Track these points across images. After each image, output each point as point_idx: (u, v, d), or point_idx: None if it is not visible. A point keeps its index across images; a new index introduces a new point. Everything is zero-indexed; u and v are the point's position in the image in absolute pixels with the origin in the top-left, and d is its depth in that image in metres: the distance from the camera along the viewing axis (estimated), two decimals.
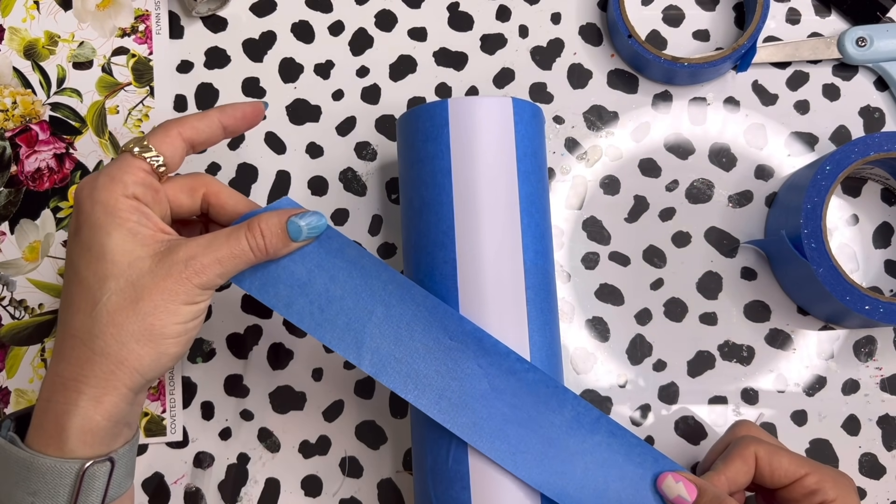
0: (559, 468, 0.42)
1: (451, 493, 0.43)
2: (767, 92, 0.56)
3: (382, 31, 0.57)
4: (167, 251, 0.39)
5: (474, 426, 0.42)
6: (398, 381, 0.42)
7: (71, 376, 0.38)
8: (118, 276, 0.38)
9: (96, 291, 0.38)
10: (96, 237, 0.38)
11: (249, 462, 0.53)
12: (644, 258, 0.55)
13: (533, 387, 0.43)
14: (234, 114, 0.42)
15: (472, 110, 0.45)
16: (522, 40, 0.57)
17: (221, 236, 0.40)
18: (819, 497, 0.42)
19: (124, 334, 0.37)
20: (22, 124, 0.56)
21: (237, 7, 0.58)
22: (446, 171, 0.45)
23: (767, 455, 0.43)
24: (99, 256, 0.38)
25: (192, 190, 0.43)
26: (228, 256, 0.39)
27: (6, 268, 0.55)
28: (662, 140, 0.56)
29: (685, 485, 0.42)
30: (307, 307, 0.42)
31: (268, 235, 0.40)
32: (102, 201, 0.38)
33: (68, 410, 0.37)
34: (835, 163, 0.49)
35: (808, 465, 0.43)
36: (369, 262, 0.43)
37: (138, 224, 0.39)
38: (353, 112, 0.57)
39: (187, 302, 0.39)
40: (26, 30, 0.57)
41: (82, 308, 0.38)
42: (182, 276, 0.38)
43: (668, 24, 0.57)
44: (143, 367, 0.38)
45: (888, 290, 0.54)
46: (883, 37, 0.55)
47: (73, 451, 0.37)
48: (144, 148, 0.40)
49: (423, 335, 0.43)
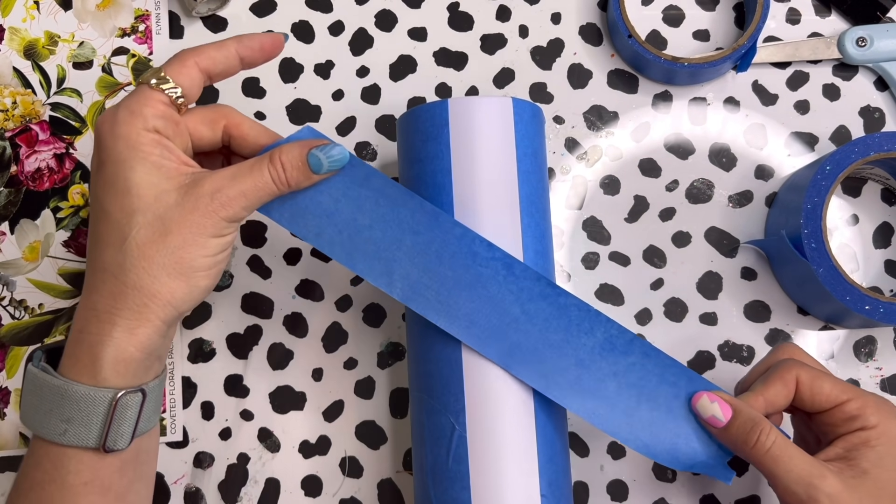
0: (591, 388, 0.43)
1: (451, 493, 0.43)
2: (767, 92, 0.56)
3: (382, 31, 0.58)
4: (192, 184, 0.39)
5: (506, 351, 0.43)
6: (429, 308, 0.43)
7: (104, 308, 0.38)
8: (145, 210, 0.38)
9: (124, 226, 0.38)
10: (120, 172, 0.38)
11: (249, 462, 0.53)
12: (644, 258, 0.55)
13: (564, 310, 0.43)
14: (251, 45, 0.42)
15: (472, 110, 0.45)
16: (522, 40, 0.57)
17: (245, 168, 0.40)
18: (860, 423, 0.41)
19: (155, 267, 0.38)
20: (22, 124, 0.56)
21: (237, 7, 0.58)
22: (446, 171, 0.45)
23: (809, 379, 0.42)
24: (124, 191, 0.38)
25: (213, 122, 0.42)
26: (252, 189, 0.40)
27: (6, 268, 0.55)
28: (662, 140, 0.56)
29: (720, 404, 0.42)
30: (336, 236, 0.43)
31: (289, 168, 0.40)
32: (124, 136, 0.38)
33: (102, 341, 0.38)
34: (835, 163, 0.49)
35: (851, 390, 0.42)
36: (396, 190, 0.43)
37: (161, 157, 0.39)
38: (353, 112, 0.57)
39: (215, 234, 0.39)
40: (26, 30, 0.57)
41: (112, 242, 0.38)
42: (209, 209, 0.39)
43: (668, 24, 0.57)
44: (176, 299, 0.39)
45: (888, 290, 0.54)
46: (883, 37, 0.55)
47: (107, 380, 0.38)
48: (162, 80, 0.40)
49: (453, 262, 0.43)
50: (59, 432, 0.38)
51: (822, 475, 0.39)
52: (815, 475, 0.39)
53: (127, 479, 0.40)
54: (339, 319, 0.54)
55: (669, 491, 0.52)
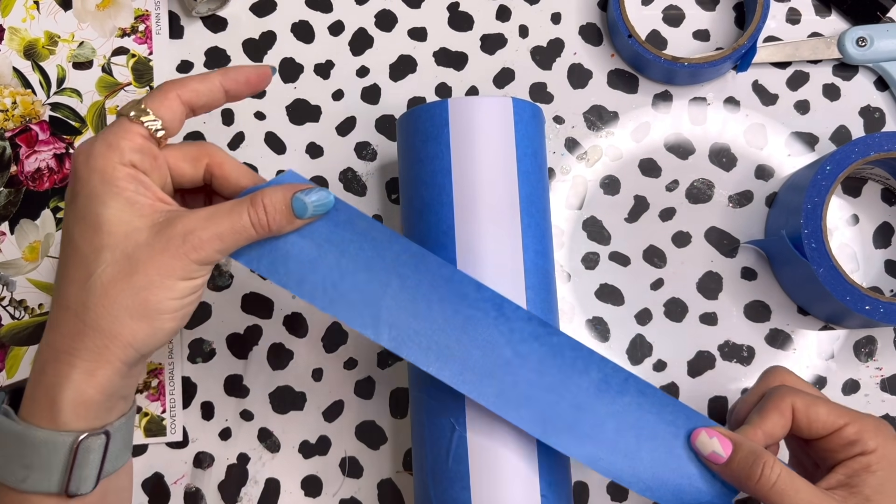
0: (590, 432, 0.41)
1: (451, 493, 0.43)
2: (767, 92, 0.56)
3: (382, 31, 0.57)
4: (165, 223, 0.37)
5: (501, 395, 0.41)
6: (419, 355, 0.41)
7: (63, 348, 0.37)
8: (114, 247, 0.36)
9: (91, 262, 0.37)
10: (92, 206, 0.37)
11: (249, 462, 0.53)
12: (644, 258, 0.55)
13: (558, 350, 0.42)
14: (237, 78, 0.40)
15: (472, 110, 0.45)
16: (522, 40, 0.57)
17: (223, 210, 0.38)
18: (859, 447, 0.40)
19: (117, 308, 0.36)
20: (22, 124, 0.56)
21: (237, 7, 0.58)
22: (446, 171, 0.45)
23: (805, 406, 0.41)
24: (95, 227, 0.37)
25: (195, 159, 0.41)
26: (229, 232, 0.38)
27: (6, 268, 0.55)
28: (662, 140, 0.56)
29: (720, 440, 0.41)
30: (319, 283, 0.41)
31: (271, 212, 0.39)
32: (99, 169, 0.37)
33: (61, 383, 0.36)
34: (835, 163, 0.49)
35: (847, 414, 0.41)
36: (380, 233, 0.41)
37: (136, 193, 0.37)
38: (353, 112, 0.57)
39: (184, 277, 0.37)
40: (26, 30, 0.57)
41: (76, 279, 0.37)
42: (179, 251, 0.37)
43: (668, 24, 0.57)
44: (138, 341, 0.37)
45: (888, 290, 0.54)
46: (883, 37, 0.55)
47: (67, 423, 0.36)
48: (141, 112, 0.38)
49: (442, 305, 0.41)
50: (19, 479, 0.36)
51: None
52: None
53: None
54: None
55: None
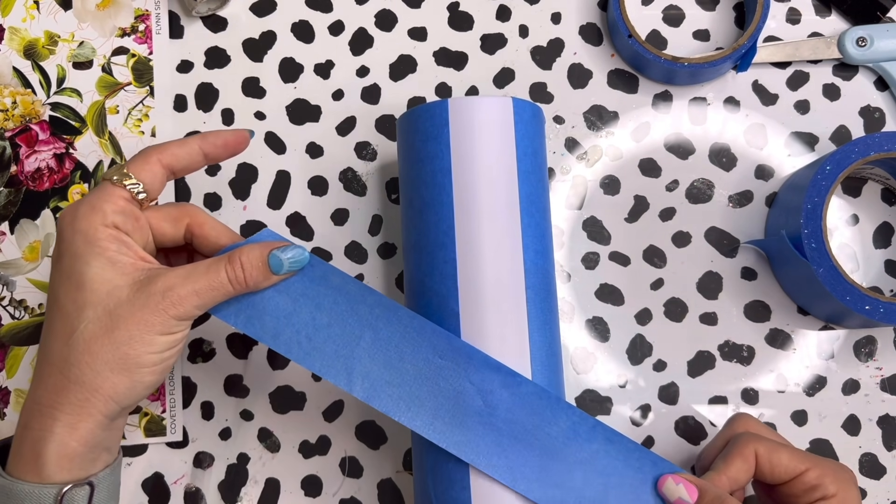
0: (558, 480, 0.42)
1: (451, 494, 0.43)
2: (767, 92, 0.56)
3: (382, 31, 0.57)
4: (146, 280, 0.39)
5: (470, 444, 0.42)
6: (391, 405, 0.42)
7: (47, 403, 0.38)
8: (96, 304, 0.38)
9: (74, 320, 0.38)
10: (76, 266, 0.39)
11: (249, 462, 0.53)
12: (644, 258, 0.55)
13: (527, 399, 0.42)
14: (215, 141, 0.43)
15: (473, 110, 0.45)
16: (522, 40, 0.57)
17: (201, 268, 0.40)
18: (820, 492, 0.42)
19: (99, 363, 0.38)
20: (22, 124, 0.56)
21: (237, 7, 0.58)
22: (446, 170, 0.45)
23: (767, 452, 0.43)
24: (78, 285, 0.38)
25: (176, 220, 0.43)
26: (207, 288, 0.39)
27: (6, 268, 0.55)
28: (662, 140, 0.56)
29: (686, 486, 0.42)
30: (294, 337, 0.42)
31: (248, 268, 0.40)
32: (83, 230, 0.39)
33: (44, 437, 0.38)
34: (835, 163, 0.49)
35: (809, 460, 0.42)
36: (354, 287, 0.43)
37: (118, 253, 0.39)
38: (353, 112, 0.57)
39: (163, 332, 0.39)
40: (26, 30, 0.57)
41: (60, 335, 0.38)
42: (159, 307, 0.38)
43: (668, 24, 0.57)
44: (118, 394, 0.38)
45: (888, 290, 0.54)
46: (883, 37, 0.55)
47: (51, 476, 0.38)
48: (124, 175, 0.40)
49: (413, 356, 0.42)
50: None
51: None
52: None
53: None
54: None
55: None
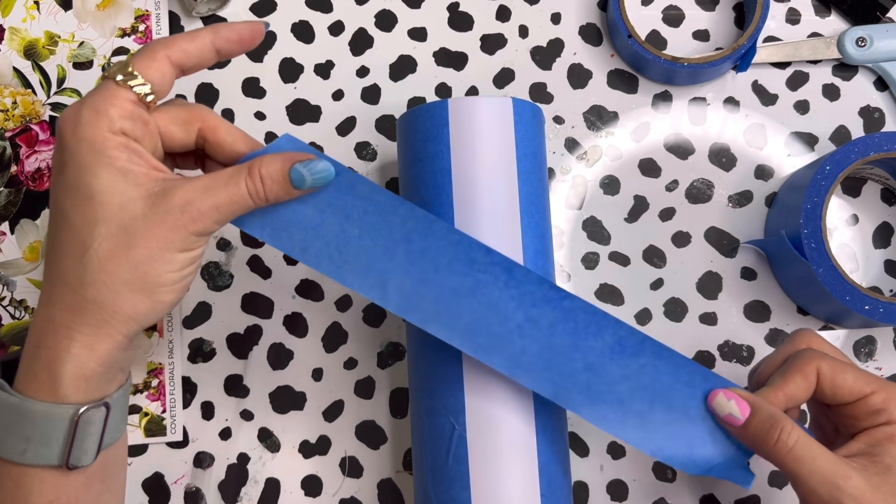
0: (601, 394, 0.41)
1: (451, 493, 0.43)
2: (767, 92, 0.56)
3: (382, 31, 0.58)
4: (161, 193, 0.36)
5: (512, 360, 0.41)
6: (428, 320, 0.41)
7: (62, 322, 0.36)
8: (108, 220, 0.35)
9: (86, 236, 0.35)
10: (83, 177, 0.35)
11: (249, 462, 0.53)
12: (644, 258, 0.55)
13: (570, 314, 0.41)
14: (229, 35, 0.38)
15: (473, 110, 0.45)
16: (522, 40, 0.57)
17: (220, 180, 0.37)
18: (884, 417, 0.39)
19: (117, 283, 0.35)
20: (22, 124, 0.56)
21: (237, 7, 0.58)
22: (446, 170, 0.45)
23: (831, 371, 0.40)
24: (87, 198, 0.35)
25: (186, 123, 0.39)
26: (227, 202, 0.37)
27: (6, 268, 0.55)
28: (662, 140, 0.56)
29: (737, 402, 0.40)
30: (324, 249, 0.40)
31: (268, 183, 0.38)
32: (88, 138, 0.35)
33: (60, 356, 0.35)
34: (835, 163, 0.49)
35: (876, 382, 0.39)
36: (385, 197, 0.41)
37: (128, 162, 0.36)
38: (353, 112, 0.57)
39: (183, 249, 0.36)
40: (26, 30, 0.57)
41: (71, 253, 0.36)
42: (178, 223, 0.36)
43: (668, 24, 0.57)
44: (139, 315, 0.36)
45: (888, 290, 0.54)
46: (883, 37, 0.55)
47: (67, 396, 0.36)
48: (129, 75, 0.36)
49: (450, 270, 0.41)
50: (18, 452, 0.36)
51: (846, 475, 0.37)
52: (839, 475, 0.37)
53: (94, 493, 0.38)
54: (339, 319, 0.54)
55: (669, 491, 0.52)
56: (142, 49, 0.37)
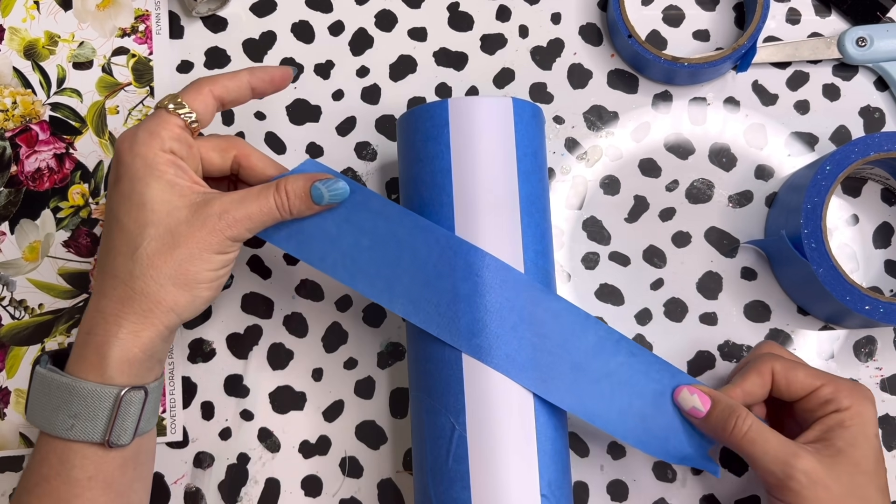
0: (587, 391, 0.44)
1: (451, 493, 0.43)
2: (767, 92, 0.56)
3: (382, 31, 0.58)
4: (202, 203, 0.42)
5: (509, 359, 0.43)
6: (431, 322, 0.44)
7: (112, 311, 0.41)
8: (157, 223, 0.41)
9: (136, 237, 0.41)
10: (137, 187, 0.41)
11: (249, 462, 0.53)
12: (644, 258, 0.55)
13: (558, 315, 0.45)
14: (263, 76, 0.45)
15: (473, 110, 0.45)
16: (522, 40, 0.57)
17: (252, 194, 0.43)
18: (834, 405, 0.43)
19: (162, 277, 0.41)
20: (22, 124, 0.56)
21: (237, 7, 0.58)
22: (446, 170, 0.45)
23: (784, 369, 0.45)
24: (139, 205, 0.41)
25: (224, 150, 0.46)
26: (257, 213, 0.43)
27: (6, 268, 0.55)
28: (662, 140, 0.56)
29: (699, 396, 0.44)
30: (339, 259, 0.45)
31: (292, 197, 0.43)
32: (142, 154, 0.41)
33: (109, 341, 0.41)
34: (835, 163, 0.49)
35: (824, 377, 0.44)
36: (393, 210, 0.45)
37: (175, 176, 0.42)
38: (353, 112, 0.57)
39: (219, 251, 0.42)
40: (26, 30, 0.57)
41: (123, 251, 0.41)
42: (216, 228, 0.42)
43: (668, 24, 0.57)
44: (179, 307, 0.42)
45: (888, 290, 0.54)
46: (883, 37, 0.55)
47: (112, 378, 0.40)
48: (178, 105, 0.43)
49: (450, 275, 0.44)
50: (66, 427, 0.40)
51: (797, 454, 0.41)
52: (790, 454, 0.42)
53: (128, 478, 0.42)
54: (339, 319, 0.54)
55: (669, 491, 0.52)
56: (190, 84, 0.44)
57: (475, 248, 0.44)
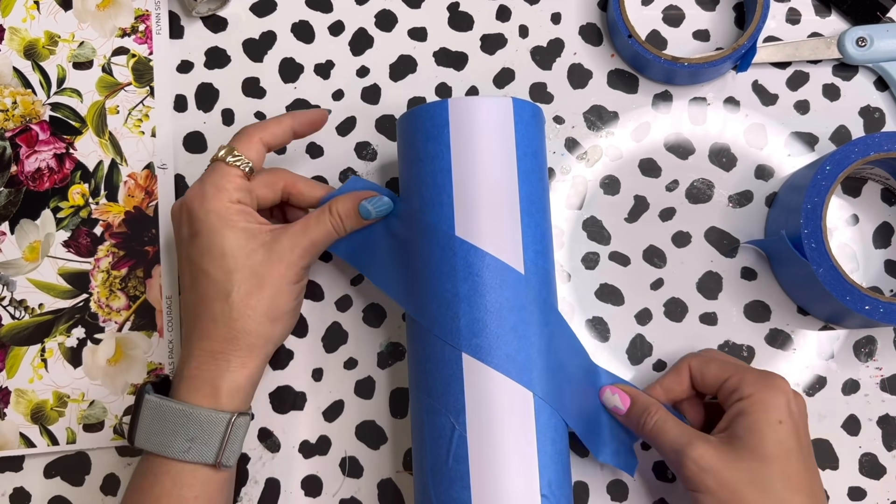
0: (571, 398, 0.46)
1: (452, 493, 0.43)
2: (767, 92, 0.56)
3: (382, 31, 0.57)
4: (272, 241, 0.46)
5: (507, 358, 0.44)
6: (433, 322, 0.45)
7: (219, 350, 0.45)
8: (241, 268, 0.45)
9: (226, 283, 0.45)
10: (215, 239, 0.45)
11: (249, 462, 0.53)
12: (644, 258, 0.55)
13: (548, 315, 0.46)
14: (303, 121, 0.49)
15: (473, 110, 0.45)
16: (522, 40, 0.57)
17: (311, 222, 0.47)
18: (737, 395, 0.45)
19: (258, 315, 0.45)
20: (22, 124, 0.56)
21: (237, 7, 0.58)
22: (446, 170, 0.45)
23: (699, 364, 0.48)
24: (220, 255, 0.45)
25: (273, 184, 0.49)
26: (319, 238, 0.47)
27: (6, 268, 0.55)
28: (662, 140, 0.56)
29: (620, 396, 0.48)
30: (379, 266, 0.49)
31: (344, 217, 0.47)
32: (214, 209, 0.45)
33: (221, 374, 0.45)
34: (835, 163, 0.49)
35: (733, 368, 0.46)
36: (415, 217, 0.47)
37: (246, 223, 0.46)
38: (353, 112, 0.57)
39: (297, 281, 0.47)
40: (26, 30, 0.57)
41: (217, 297, 0.45)
42: (291, 262, 0.46)
43: (668, 24, 0.57)
44: (275, 337, 0.47)
45: (888, 290, 0.54)
46: (883, 37, 0.55)
47: (224, 405, 0.45)
48: (235, 157, 0.47)
49: (451, 275, 0.45)
50: (183, 450, 0.44)
51: (689, 442, 0.44)
52: (683, 443, 0.44)
53: (224, 498, 0.47)
54: (339, 319, 0.54)
55: (669, 491, 0.52)
56: (240, 133, 0.48)
57: (475, 248, 0.44)
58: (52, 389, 0.53)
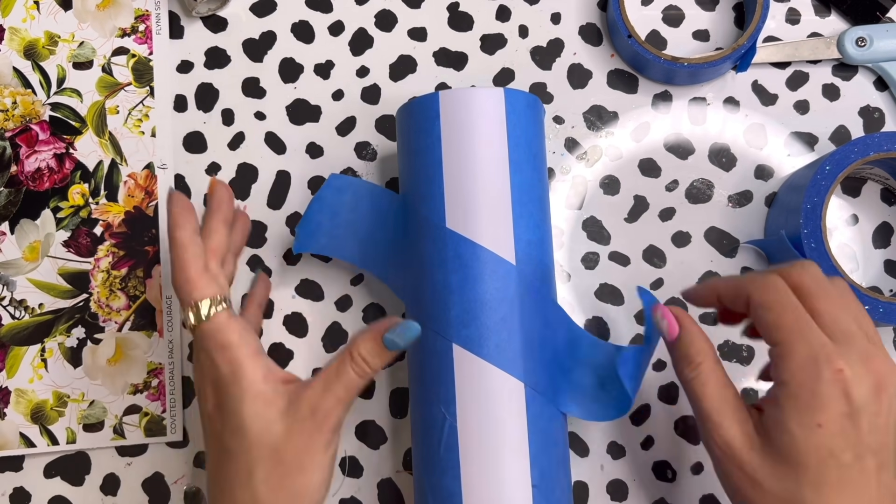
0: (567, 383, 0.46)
1: (443, 483, 0.43)
2: (767, 92, 0.56)
3: (382, 31, 0.58)
4: (290, 406, 0.41)
5: (497, 348, 0.44)
6: (426, 315, 0.45)
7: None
8: (259, 444, 0.41)
9: (244, 460, 0.41)
10: (229, 405, 0.41)
11: None
12: (644, 258, 0.55)
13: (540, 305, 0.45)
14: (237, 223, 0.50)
15: (464, 102, 0.46)
16: (522, 40, 0.57)
17: (332, 375, 0.41)
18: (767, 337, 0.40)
19: (283, 495, 0.41)
20: (22, 124, 0.56)
21: (237, 7, 0.58)
22: (437, 163, 0.45)
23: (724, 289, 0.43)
24: (238, 428, 0.41)
25: (261, 305, 0.52)
26: (345, 393, 0.41)
27: (6, 268, 0.55)
28: (662, 140, 0.56)
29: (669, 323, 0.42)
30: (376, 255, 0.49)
31: (369, 359, 0.42)
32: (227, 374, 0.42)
33: None
34: (835, 163, 0.49)
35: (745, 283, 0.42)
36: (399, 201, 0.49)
37: (263, 383, 0.41)
38: (353, 112, 0.57)
39: (326, 448, 0.41)
40: (26, 30, 0.57)
41: (237, 477, 0.41)
42: (314, 428, 0.41)
43: (668, 24, 0.57)
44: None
45: (888, 290, 0.54)
46: (883, 37, 0.55)
47: None
48: (212, 304, 0.42)
49: (442, 266, 0.45)
50: None
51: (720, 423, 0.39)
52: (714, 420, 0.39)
53: None
54: (339, 319, 0.54)
55: (669, 491, 0.52)
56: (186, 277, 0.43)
57: (465, 239, 0.44)
58: (52, 389, 0.53)
